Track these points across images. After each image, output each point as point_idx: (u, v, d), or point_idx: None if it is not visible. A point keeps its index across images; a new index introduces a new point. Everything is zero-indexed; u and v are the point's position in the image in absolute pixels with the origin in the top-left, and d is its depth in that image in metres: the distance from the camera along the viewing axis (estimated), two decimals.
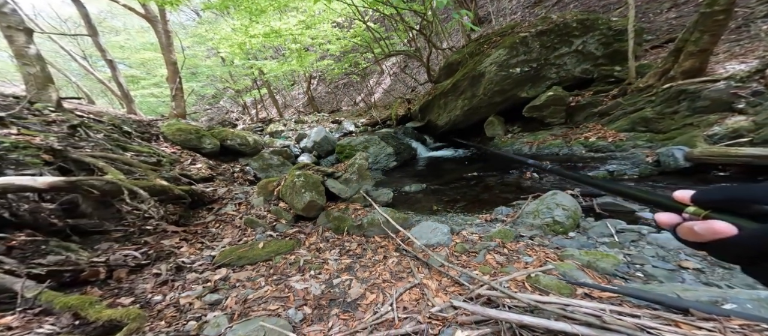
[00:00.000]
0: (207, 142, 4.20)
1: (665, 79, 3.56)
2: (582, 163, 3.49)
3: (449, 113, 5.58)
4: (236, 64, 7.99)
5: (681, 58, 3.43)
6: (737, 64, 3.36)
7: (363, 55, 7.75)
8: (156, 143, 3.95)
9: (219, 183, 3.53)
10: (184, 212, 2.60)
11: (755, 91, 2.84)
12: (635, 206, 2.37)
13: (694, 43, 3.27)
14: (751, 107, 2.82)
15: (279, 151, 5.18)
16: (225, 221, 2.67)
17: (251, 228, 2.55)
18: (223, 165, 4.21)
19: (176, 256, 2.08)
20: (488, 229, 2.30)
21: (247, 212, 2.79)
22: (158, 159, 3.29)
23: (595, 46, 4.50)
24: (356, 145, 5.41)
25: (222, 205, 2.93)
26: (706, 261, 1.60)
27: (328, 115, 8.37)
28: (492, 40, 5.00)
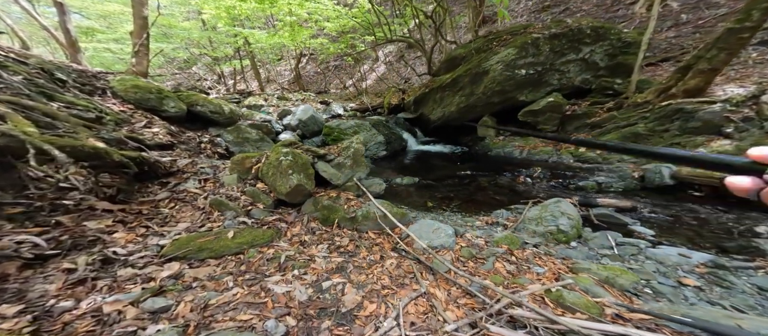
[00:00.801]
0: (170, 105, 3.60)
1: (665, 96, 3.69)
2: (571, 172, 3.54)
3: (444, 108, 5.44)
4: (219, 29, 7.08)
5: (688, 75, 3.54)
6: (735, 87, 3.56)
7: (362, 38, 7.31)
8: (101, 98, 3.28)
9: (180, 152, 3.01)
10: (126, 185, 2.07)
11: (746, 117, 3.03)
12: (628, 219, 2.40)
13: (708, 60, 3.36)
14: (737, 132, 3.00)
15: (258, 125, 4.72)
16: (183, 200, 2.21)
17: (219, 211, 2.14)
18: (187, 133, 3.63)
19: (105, 245, 1.60)
20: (492, 233, 2.19)
21: (215, 191, 2.37)
22: (98, 115, 2.69)
23: (601, 56, 4.57)
24: (346, 129, 5.10)
25: (181, 179, 2.45)
26: (704, 278, 1.60)
27: (314, 95, 7.86)
28: (502, 38, 4.89)
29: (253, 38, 7.24)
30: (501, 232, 2.19)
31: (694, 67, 3.54)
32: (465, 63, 5.23)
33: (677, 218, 2.35)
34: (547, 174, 3.53)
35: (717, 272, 1.58)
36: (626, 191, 2.99)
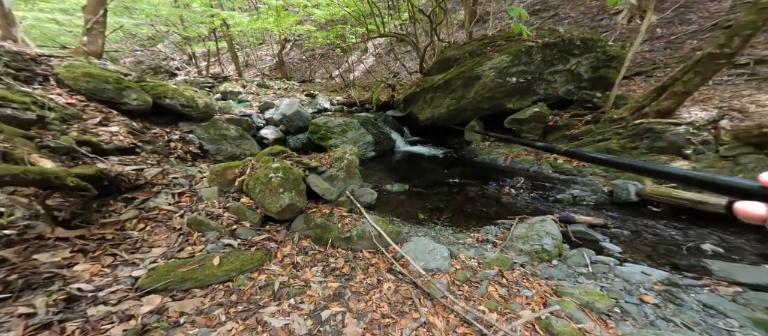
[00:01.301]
0: (132, 97, 3.18)
1: (638, 114, 4.04)
2: (549, 183, 3.81)
3: (434, 109, 5.50)
4: (194, 9, 6.31)
5: (663, 96, 3.87)
6: (699, 110, 3.97)
7: (352, 29, 7.00)
8: (42, 87, 2.83)
9: (146, 157, 2.70)
10: (81, 207, 1.79)
11: (704, 140, 3.43)
12: (599, 236, 2.68)
13: (684, 83, 3.66)
14: (695, 154, 3.40)
15: (238, 120, 4.44)
16: (155, 220, 1.97)
17: (199, 232, 1.97)
18: (153, 129, 3.27)
19: (65, 281, 1.42)
20: (483, 253, 2.34)
21: (193, 207, 2.16)
22: (40, 115, 2.31)
23: (586, 68, 4.83)
24: (334, 128, 5.00)
25: (150, 194, 2.17)
26: (661, 296, 1.87)
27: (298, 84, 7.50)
28: (496, 44, 4.96)
29: (232, 21, 6.64)
30: (491, 252, 2.36)
31: (670, 88, 3.88)
32: (458, 65, 5.27)
33: (639, 234, 2.66)
34: (529, 185, 3.78)
35: (671, 290, 1.85)
36: (597, 204, 3.30)
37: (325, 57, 10.06)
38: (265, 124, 4.99)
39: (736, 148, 3.21)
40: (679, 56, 7.47)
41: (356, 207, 2.69)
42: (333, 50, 8.34)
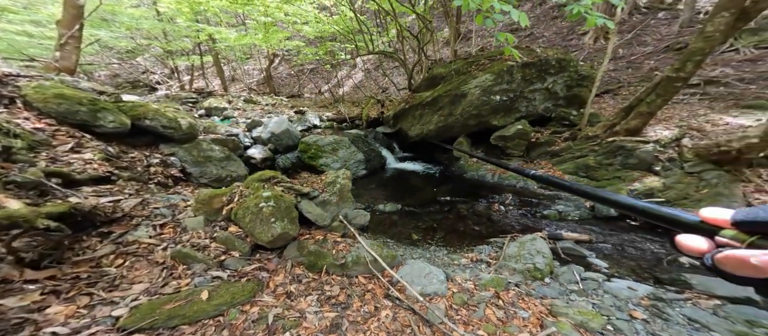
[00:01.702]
0: (108, 120, 2.99)
1: (610, 132, 4.35)
2: (536, 199, 3.97)
3: (423, 126, 5.65)
4: (178, 23, 6.19)
5: (631, 115, 4.20)
6: (662, 128, 4.33)
7: (342, 46, 7.14)
8: (7, 111, 2.64)
9: (123, 186, 2.54)
10: (53, 246, 1.65)
11: (670, 158, 3.73)
12: (586, 251, 2.80)
13: (647, 104, 4.01)
14: (664, 171, 3.69)
15: (223, 140, 4.28)
16: (135, 254, 1.85)
17: (184, 265, 1.86)
18: (131, 153, 3.08)
19: (37, 326, 1.30)
20: (478, 274, 2.36)
21: (177, 239, 2.04)
22: (6, 145, 2.14)
23: (561, 86, 5.18)
24: (324, 147, 4.97)
25: (129, 227, 2.03)
26: (648, 311, 1.96)
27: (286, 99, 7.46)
28: (480, 63, 5.23)
29: (219, 36, 6.57)
30: (486, 273, 2.38)
31: (636, 108, 4.24)
32: (445, 83, 5.49)
33: (621, 248, 2.80)
34: (516, 201, 3.90)
35: (657, 304, 1.94)
36: (581, 219, 3.46)
37: (315, 72, 10.14)
38: (252, 143, 4.87)
39: (699, 165, 3.52)
40: (639, 75, 8.22)
41: (350, 231, 2.65)
42: (322, 65, 8.43)
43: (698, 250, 0.29)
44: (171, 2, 5.20)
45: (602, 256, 2.66)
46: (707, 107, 5.80)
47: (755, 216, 0.25)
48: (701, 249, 0.28)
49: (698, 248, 0.29)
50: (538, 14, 10.03)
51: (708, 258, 0.27)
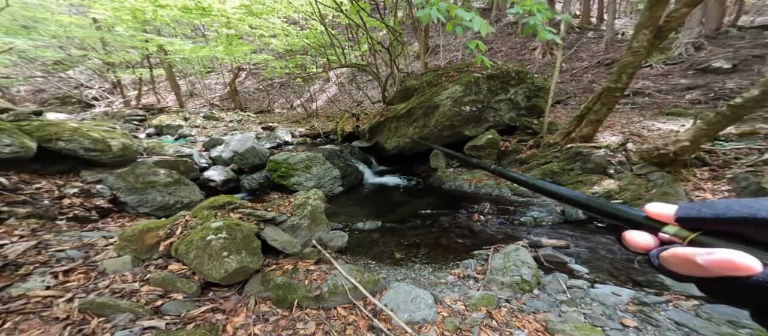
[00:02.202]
0: (3, 143, 2.40)
1: (568, 139, 4.61)
2: (511, 206, 4.01)
3: (399, 139, 5.54)
4: (119, 32, 5.33)
5: (583, 123, 4.49)
6: (610, 135, 4.70)
7: (314, 59, 6.85)
8: None
9: (13, 226, 2.01)
10: None
11: (620, 161, 4.02)
12: (565, 257, 2.80)
13: (595, 112, 4.33)
14: (617, 174, 3.95)
15: (172, 162, 3.68)
16: (23, 313, 1.42)
17: (101, 317, 1.45)
18: (37, 183, 2.50)
19: None
20: (467, 292, 2.19)
21: (90, 286, 1.61)
22: None
23: (522, 97, 5.44)
24: (296, 164, 4.58)
25: (12, 279, 1.58)
26: (637, 317, 1.93)
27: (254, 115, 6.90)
28: (449, 74, 5.31)
29: (172, 47, 5.88)
30: (476, 290, 2.22)
31: (587, 117, 4.57)
32: (418, 95, 5.49)
33: (595, 251, 2.85)
34: (494, 209, 3.89)
35: (643, 309, 1.92)
36: (554, 224, 3.52)
37: (285, 86, 9.65)
38: (210, 164, 4.30)
39: (646, 167, 3.83)
40: (581, 87, 9.14)
41: (325, 257, 2.34)
42: (293, 80, 8.03)
43: (644, 247, 0.27)
44: (108, 9, 4.48)
45: (581, 260, 2.66)
46: (639, 115, 6.54)
47: (697, 212, 0.24)
48: (647, 246, 0.27)
49: (644, 245, 0.27)
50: (496, 31, 10.81)
51: (653, 256, 0.25)
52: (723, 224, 0.23)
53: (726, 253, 0.20)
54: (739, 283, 0.20)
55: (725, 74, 8.10)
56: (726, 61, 8.31)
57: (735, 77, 7.86)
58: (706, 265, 0.21)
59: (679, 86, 8.06)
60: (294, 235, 2.49)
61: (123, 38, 5.43)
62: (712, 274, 0.21)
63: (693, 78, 8.31)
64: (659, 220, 0.27)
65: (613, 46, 10.29)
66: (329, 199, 4.52)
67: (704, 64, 8.52)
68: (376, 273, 2.53)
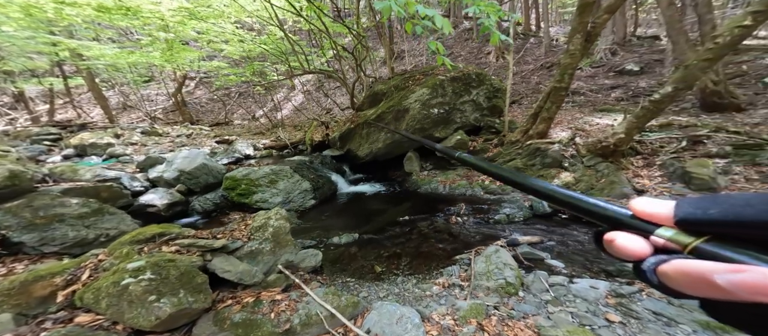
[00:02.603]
0: None
1: (526, 136, 4.84)
2: (485, 205, 4.04)
3: (371, 145, 5.31)
4: (7, 32, 4.04)
5: (538, 121, 4.75)
6: (560, 130, 5.03)
7: (273, 66, 6.25)
8: None
9: None
10: None
11: (572, 154, 4.30)
12: (542, 253, 2.82)
13: (546, 110, 4.59)
14: (571, 166, 4.22)
15: (89, 189, 2.91)
16: None
17: None
18: None
19: None
20: (454, 303, 2.04)
21: None
22: None
23: (483, 98, 5.61)
24: (259, 180, 4.06)
25: None
26: (619, 311, 1.93)
27: (208, 128, 6.05)
28: (416, 78, 5.24)
29: (90, 52, 4.82)
30: (462, 299, 2.08)
31: (540, 115, 4.85)
32: (387, 99, 5.32)
33: (565, 244, 2.93)
34: (470, 210, 3.87)
35: (622, 302, 1.94)
36: (525, 220, 3.60)
37: (245, 95, 8.75)
38: (148, 187, 3.58)
39: (593, 159, 4.16)
40: (531, 88, 9.94)
41: (294, 282, 2.01)
42: (253, 88, 7.26)
43: (636, 255, 0.20)
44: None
45: (556, 255, 2.70)
46: (579, 112, 7.24)
47: (704, 212, 0.19)
48: (640, 254, 0.20)
49: (636, 252, 0.21)
50: (454, 36, 11.25)
51: (649, 269, 0.19)
52: (742, 228, 0.17)
53: (755, 275, 0.15)
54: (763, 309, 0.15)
55: (636, 75, 9.46)
56: (635, 64, 9.73)
57: (644, 78, 9.21)
58: (729, 288, 0.16)
59: (605, 86, 9.20)
60: (254, 262, 2.11)
61: (17, 41, 4.19)
62: (736, 298, 0.16)
63: (614, 79, 9.56)
64: (650, 220, 0.21)
65: (551, 51, 11.44)
66: (300, 214, 4.09)
67: (620, 67, 9.86)
68: (355, 293, 2.28)
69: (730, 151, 3.91)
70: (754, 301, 0.15)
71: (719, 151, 3.97)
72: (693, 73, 3.35)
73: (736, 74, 7.22)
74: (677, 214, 0.20)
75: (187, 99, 7.86)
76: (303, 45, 5.75)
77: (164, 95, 8.22)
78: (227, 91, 8.81)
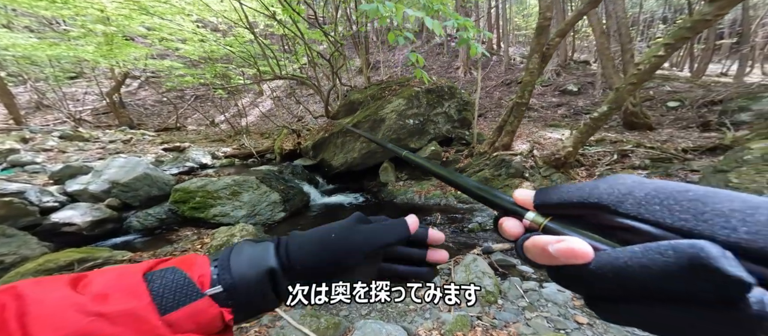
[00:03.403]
0: None
1: (493, 148, 5.27)
2: (459, 214, 4.25)
3: (346, 154, 5.23)
4: None
5: (502, 134, 5.20)
6: (521, 143, 5.58)
7: (240, 69, 5.75)
8: None
9: None
10: None
11: (532, 165, 4.81)
12: (513, 259, 3.07)
13: (510, 124, 5.06)
14: (531, 176, 4.71)
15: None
16: None
17: None
18: None
19: None
20: (439, 316, 2.08)
21: None
22: None
23: (454, 110, 5.96)
24: (218, 191, 3.69)
25: None
26: (584, 313, 2.18)
27: (153, 133, 5.28)
28: (392, 88, 5.34)
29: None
30: (446, 311, 2.13)
31: (504, 128, 5.34)
32: (363, 109, 5.31)
33: None
34: (445, 219, 4.03)
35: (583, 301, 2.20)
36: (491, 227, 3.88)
37: (203, 99, 7.88)
38: (66, 201, 2.99)
39: (549, 170, 4.71)
40: (494, 102, 10.91)
41: None
42: (213, 91, 6.58)
43: (514, 235, 0.26)
44: None
45: (523, 259, 2.94)
46: (534, 126, 8.18)
47: (549, 197, 0.25)
48: (516, 233, 0.26)
49: (513, 232, 0.26)
50: (426, 50, 11.84)
51: (519, 245, 0.25)
52: (567, 208, 0.23)
53: (570, 242, 0.20)
54: (577, 270, 0.20)
55: (575, 95, 11.06)
56: (574, 85, 11.39)
57: (581, 97, 10.82)
58: (555, 254, 0.21)
59: (553, 103, 10.57)
60: None
61: None
62: (561, 262, 0.21)
63: (559, 97, 11.04)
64: (523, 206, 0.26)
65: (510, 69, 12.77)
66: (269, 228, 3.80)
67: (563, 87, 11.45)
68: (335, 312, 2.18)
69: (649, 163, 4.77)
70: (569, 264, 0.20)
71: (641, 163, 4.82)
72: (622, 95, 4.04)
73: (647, 98, 8.95)
74: (535, 200, 0.25)
75: (128, 100, 6.78)
76: (275, 49, 5.44)
77: (96, 94, 6.96)
78: (180, 93, 7.83)
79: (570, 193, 0.23)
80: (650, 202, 0.19)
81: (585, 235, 0.21)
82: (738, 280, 0.14)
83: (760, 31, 13.04)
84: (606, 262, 0.19)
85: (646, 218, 0.18)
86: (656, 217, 0.18)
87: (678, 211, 0.18)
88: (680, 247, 0.16)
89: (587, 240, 0.20)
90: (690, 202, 0.18)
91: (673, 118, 7.59)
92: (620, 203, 0.20)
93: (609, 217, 0.20)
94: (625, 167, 4.84)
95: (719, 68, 13.47)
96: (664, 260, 0.16)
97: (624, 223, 0.19)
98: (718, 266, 0.14)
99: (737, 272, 0.14)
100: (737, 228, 0.15)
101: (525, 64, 13.69)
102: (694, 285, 0.15)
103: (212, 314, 0.25)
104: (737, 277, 0.14)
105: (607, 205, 0.21)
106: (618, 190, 0.21)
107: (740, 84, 8.75)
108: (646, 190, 0.20)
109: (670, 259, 0.16)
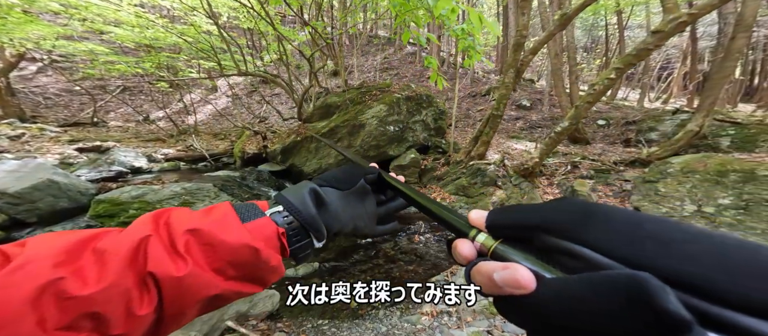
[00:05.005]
0: None
1: (469, 157, 5.63)
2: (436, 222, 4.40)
3: (321, 160, 4.98)
4: None
5: (478, 144, 5.59)
6: (494, 153, 6.07)
7: (193, 61, 4.98)
8: None
9: None
10: None
11: (504, 174, 5.27)
12: None
13: (485, 134, 5.47)
14: (503, 185, 5.16)
15: None
16: None
17: None
18: None
19: None
20: (452, 334, 2.07)
21: None
22: None
23: (431, 119, 6.21)
24: (162, 202, 3.12)
25: None
26: None
27: (59, 129, 4.20)
28: (373, 93, 5.29)
29: None
30: (457, 327, 2.14)
31: (480, 138, 5.78)
32: (341, 113, 5.15)
33: None
34: (428, 227, 4.11)
35: None
36: None
37: (134, 91, 6.59)
38: None
39: (518, 179, 5.23)
40: (462, 113, 11.76)
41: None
42: (153, 84, 5.48)
43: (465, 259, 0.24)
44: None
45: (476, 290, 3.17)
46: (504, 138, 9.05)
47: (500, 218, 0.24)
48: (467, 257, 0.24)
49: (465, 256, 0.24)
50: (399, 58, 12.20)
51: (466, 272, 0.23)
52: (517, 230, 0.22)
53: (516, 269, 0.19)
54: (520, 301, 0.18)
55: (529, 110, 12.65)
56: (527, 101, 13.07)
57: (533, 112, 12.44)
58: (501, 284, 0.19)
59: (512, 117, 11.91)
60: (184, 327, 1.58)
61: None
62: (506, 292, 0.19)
63: (516, 111, 12.50)
64: (477, 227, 0.25)
65: (476, 82, 14.00)
66: None
67: (518, 102, 13.03)
68: None
69: (594, 174, 5.68)
70: (512, 294, 0.18)
71: (588, 173, 5.70)
72: (580, 112, 4.75)
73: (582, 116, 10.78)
74: (486, 221, 0.24)
75: (21, 86, 5.29)
76: (242, 43, 4.90)
77: None
78: (101, 82, 6.40)
79: (519, 214, 0.22)
80: (596, 227, 0.18)
81: (530, 260, 0.20)
82: (680, 319, 0.13)
83: (657, 65, 16.93)
84: (546, 293, 0.17)
85: (592, 244, 0.18)
86: (600, 243, 0.18)
87: (619, 238, 0.17)
88: (618, 280, 0.15)
89: (530, 267, 0.19)
90: (631, 226, 0.17)
91: (602, 135, 9.24)
92: (566, 228, 0.19)
93: (555, 241, 0.19)
94: (577, 177, 5.65)
95: (621, 94, 16.98)
96: (599, 293, 0.15)
97: (570, 249, 0.18)
98: (659, 302, 0.13)
99: (679, 310, 0.13)
100: (673, 256, 0.15)
101: (487, 78, 15.03)
102: (630, 322, 0.14)
103: (271, 231, 0.32)
104: (679, 316, 0.13)
105: (553, 227, 0.20)
106: (566, 213, 0.20)
107: (644, 108, 11.15)
108: (592, 214, 0.19)
109: (604, 293, 0.15)
